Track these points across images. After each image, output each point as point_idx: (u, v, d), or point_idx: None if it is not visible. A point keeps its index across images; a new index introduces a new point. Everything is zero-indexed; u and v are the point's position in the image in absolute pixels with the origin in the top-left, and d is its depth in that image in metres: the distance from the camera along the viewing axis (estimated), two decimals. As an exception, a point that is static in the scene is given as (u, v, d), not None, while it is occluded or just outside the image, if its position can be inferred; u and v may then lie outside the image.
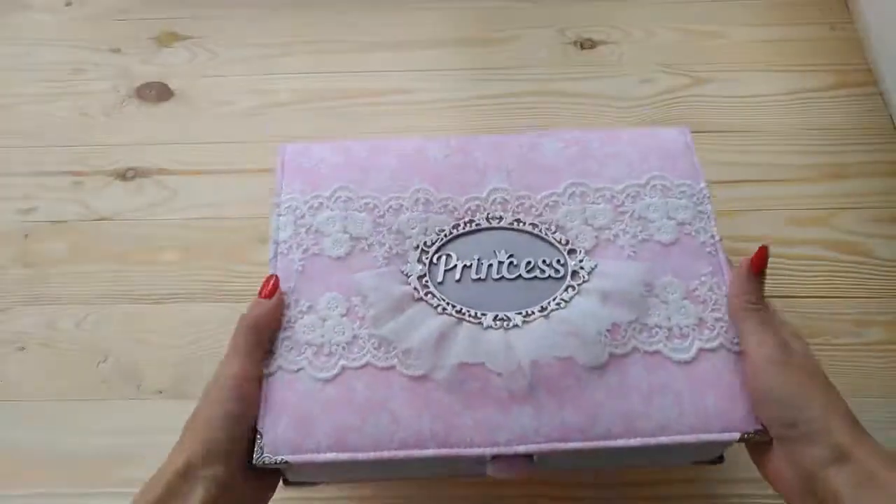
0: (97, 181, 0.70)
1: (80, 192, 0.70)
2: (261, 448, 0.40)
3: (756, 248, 0.43)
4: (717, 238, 0.46)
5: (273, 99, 0.75)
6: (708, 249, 0.46)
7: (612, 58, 0.77)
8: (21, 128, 0.75)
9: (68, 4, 0.84)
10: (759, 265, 0.42)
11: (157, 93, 0.77)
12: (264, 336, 0.43)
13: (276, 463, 0.40)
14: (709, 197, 0.48)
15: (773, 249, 0.62)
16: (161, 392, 0.59)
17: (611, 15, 0.80)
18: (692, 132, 0.51)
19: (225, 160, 0.71)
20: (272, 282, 0.45)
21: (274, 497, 0.43)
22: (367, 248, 0.46)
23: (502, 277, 0.45)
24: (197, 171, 0.71)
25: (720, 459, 0.47)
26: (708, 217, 0.47)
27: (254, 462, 0.40)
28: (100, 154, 0.72)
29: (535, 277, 0.45)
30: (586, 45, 0.78)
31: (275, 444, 0.40)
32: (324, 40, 0.80)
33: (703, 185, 0.48)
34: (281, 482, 0.44)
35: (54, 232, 0.68)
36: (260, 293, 0.44)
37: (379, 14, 0.82)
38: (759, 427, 0.40)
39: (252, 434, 0.41)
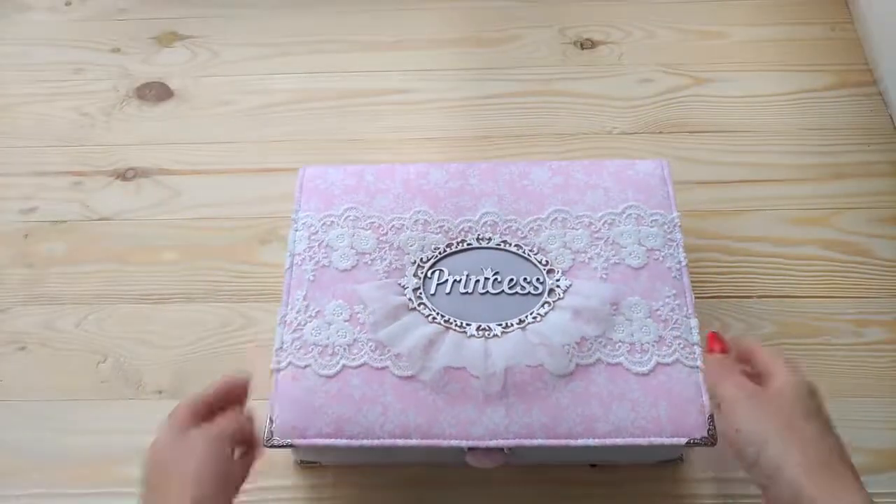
0: (97, 181, 0.71)
1: (80, 192, 0.70)
2: (271, 432, 0.46)
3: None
4: (683, 263, 0.51)
5: (273, 99, 0.75)
6: (673, 274, 0.50)
7: (612, 58, 0.77)
8: (21, 128, 0.75)
9: (68, 4, 0.85)
10: (712, 349, 0.46)
11: (157, 93, 0.77)
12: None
13: (283, 445, 0.45)
14: (679, 226, 0.52)
15: (773, 249, 0.63)
16: (161, 392, 0.59)
17: (611, 15, 0.80)
18: (692, 132, 0.51)
19: (225, 160, 0.71)
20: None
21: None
22: (370, 262, 0.51)
23: (487, 292, 0.50)
24: (197, 171, 0.71)
25: (681, 459, 0.53)
26: (677, 244, 0.51)
27: (265, 444, 0.45)
28: (100, 154, 0.72)
29: (516, 293, 0.50)
30: (586, 45, 0.78)
31: (283, 429, 0.46)
32: (323, 40, 0.80)
33: (675, 214, 0.53)
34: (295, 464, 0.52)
35: (54, 232, 0.68)
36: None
37: (378, 14, 0.82)
38: (705, 434, 0.44)
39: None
